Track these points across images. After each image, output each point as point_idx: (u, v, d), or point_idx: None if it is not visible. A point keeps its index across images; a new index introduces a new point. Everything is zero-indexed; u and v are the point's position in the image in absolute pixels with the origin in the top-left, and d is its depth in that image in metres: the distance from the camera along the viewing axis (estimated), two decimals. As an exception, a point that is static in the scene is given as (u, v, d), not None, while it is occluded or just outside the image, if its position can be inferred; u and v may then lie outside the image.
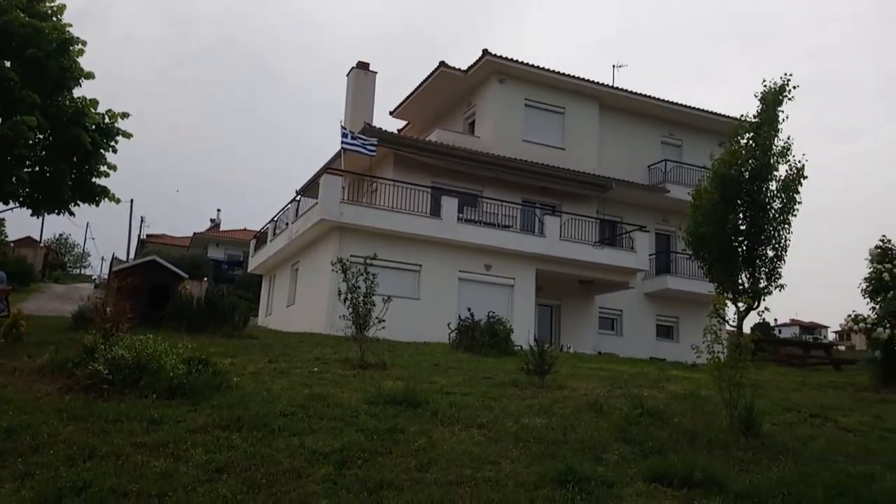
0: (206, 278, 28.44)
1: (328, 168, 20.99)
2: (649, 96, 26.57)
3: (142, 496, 4.48)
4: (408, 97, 27.25)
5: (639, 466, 5.60)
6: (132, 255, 46.25)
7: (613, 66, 36.42)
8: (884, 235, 12.28)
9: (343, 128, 20.63)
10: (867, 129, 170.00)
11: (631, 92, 26.42)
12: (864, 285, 11.55)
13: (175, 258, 28.15)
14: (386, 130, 21.88)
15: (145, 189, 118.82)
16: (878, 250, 11.57)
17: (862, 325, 11.22)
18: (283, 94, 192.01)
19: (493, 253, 20.94)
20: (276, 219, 24.75)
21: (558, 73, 25.05)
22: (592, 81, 25.61)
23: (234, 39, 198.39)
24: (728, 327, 13.44)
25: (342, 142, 20.06)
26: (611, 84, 26.41)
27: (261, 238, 27.14)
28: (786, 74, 14.57)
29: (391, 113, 28.97)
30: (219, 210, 59.41)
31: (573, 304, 24.36)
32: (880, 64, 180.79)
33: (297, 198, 23.47)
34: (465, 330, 13.17)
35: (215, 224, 54.40)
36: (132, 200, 32.30)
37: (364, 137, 20.29)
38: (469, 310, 13.66)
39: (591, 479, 5.12)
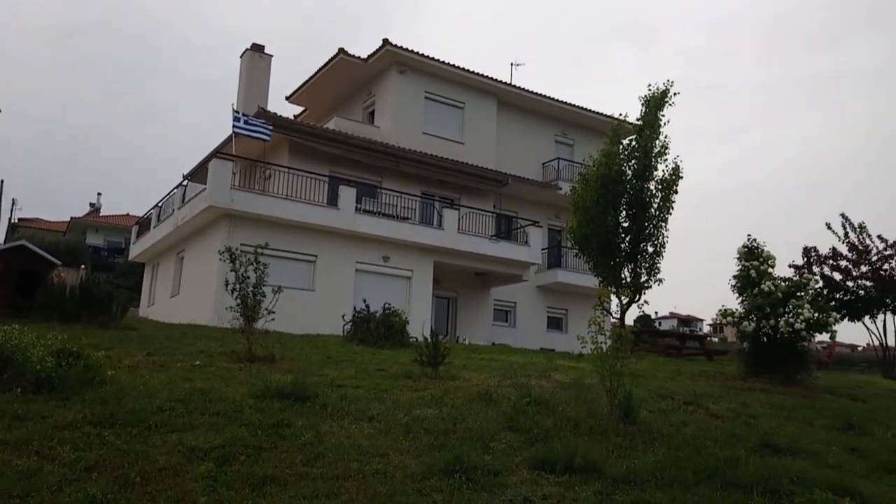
0: (83, 266, 26.57)
1: (218, 152, 20.14)
2: (544, 96, 27.34)
3: (2, 497, 4.12)
4: (305, 83, 26.67)
5: (524, 454, 5.74)
6: (1, 240, 42.62)
7: (511, 64, 37.04)
8: (749, 235, 13.22)
9: (235, 111, 19.87)
10: (742, 131, 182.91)
11: (527, 90, 27.08)
12: (733, 282, 12.37)
13: (49, 244, 26.17)
14: (281, 116, 21.28)
15: (17, 170, 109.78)
16: (746, 249, 12.42)
17: (730, 318, 12.02)
18: (172, 74, 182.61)
19: (392, 244, 20.88)
20: (160, 204, 23.49)
21: (459, 67, 25.28)
22: (491, 78, 26.02)
23: (120, 13, 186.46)
24: (612, 319, 14.08)
25: (234, 126, 19.33)
26: (509, 82, 26.93)
27: (144, 224, 25.67)
28: (668, 81, 15.37)
29: (287, 98, 28.24)
30: (99, 194, 56.01)
31: (469, 296, 24.74)
32: (756, 69, 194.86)
33: (185, 183, 22.36)
34: (359, 322, 13.03)
35: (95, 209, 51.00)
36: (1, 181, 29.68)
37: (258, 122, 19.62)
38: (364, 301, 13.53)
39: (478, 468, 5.19)
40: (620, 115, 15.67)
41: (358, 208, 20.48)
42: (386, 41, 23.55)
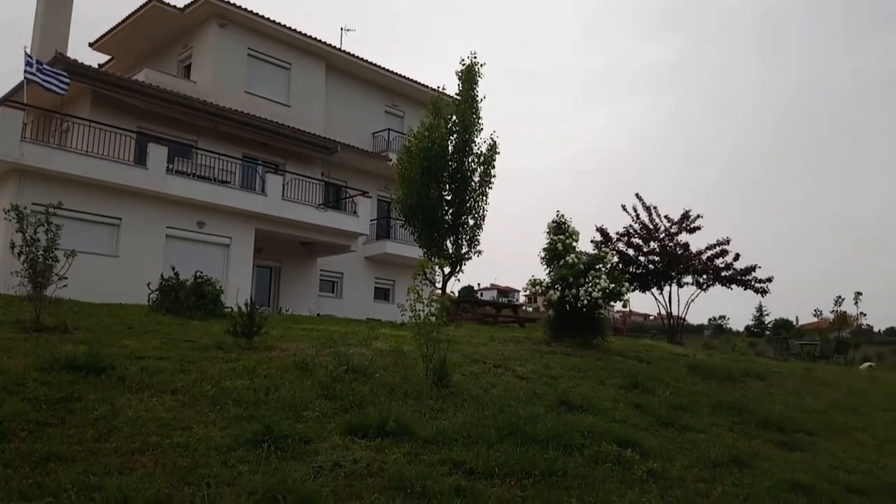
0: None
1: (7, 100, 17.77)
2: (375, 64, 27.16)
3: None
4: (113, 29, 24.25)
5: (338, 421, 5.72)
6: None
7: (342, 28, 36.24)
8: (558, 211, 14.19)
9: (28, 56, 17.58)
10: (563, 117, 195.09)
11: (358, 57, 26.74)
12: (542, 254, 13.20)
13: None
14: (82, 63, 19.17)
15: None
16: (554, 224, 13.28)
17: (539, 287, 12.84)
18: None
19: (208, 209, 19.78)
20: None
21: (285, 26, 24.32)
22: (320, 41, 25.35)
23: None
24: (435, 288, 14.48)
25: (26, 71, 17.12)
26: (339, 47, 26.39)
27: None
28: (472, 54, 15.99)
29: (92, 45, 25.52)
30: None
31: (294, 266, 24.19)
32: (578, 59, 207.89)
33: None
34: (167, 290, 12.20)
35: None
36: None
37: (53, 71, 17.49)
38: (173, 268, 12.70)
39: (289, 437, 5.10)
40: (438, 87, 16.04)
41: (170, 169, 19.11)
42: (206, -10, 22.06)
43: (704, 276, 21.34)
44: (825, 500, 5.36)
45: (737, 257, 21.12)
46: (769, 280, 21.26)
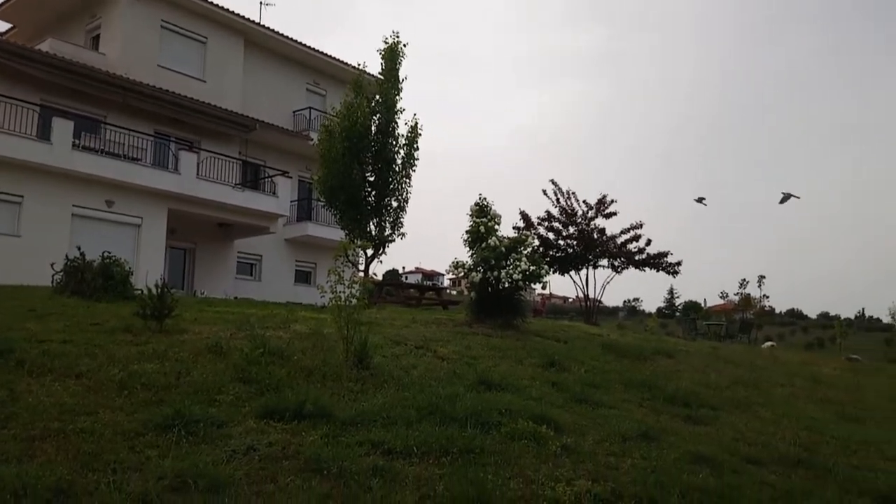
0: None
1: None
2: (296, 40, 26.50)
3: None
4: (12, -6, 22.60)
5: (253, 404, 5.61)
6: None
7: (260, 2, 35.05)
8: (480, 194, 14.34)
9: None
10: (487, 102, 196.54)
11: (278, 33, 26.01)
12: (465, 236, 13.32)
13: None
14: (-23, 29, 17.83)
15: None
16: (477, 207, 13.41)
17: (461, 269, 12.96)
18: None
19: (118, 188, 18.88)
20: None
21: (201, -2, 23.34)
22: (238, 15, 24.50)
23: None
24: (358, 271, 14.36)
25: None
26: (258, 21, 25.59)
27: None
28: (395, 33, 15.87)
29: (-11, 11, 23.75)
30: None
31: (210, 247, 23.45)
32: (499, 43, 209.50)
33: None
34: (73, 271, 11.58)
35: None
36: None
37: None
38: (79, 248, 12.06)
39: (201, 421, 4.95)
40: (359, 64, 15.86)
41: (76, 144, 18.11)
42: (115, -43, 20.88)
43: (619, 260, 22.10)
44: (726, 470, 5.66)
45: (648, 242, 21.98)
46: (679, 264, 22.25)
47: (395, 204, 15.83)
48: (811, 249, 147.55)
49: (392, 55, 15.35)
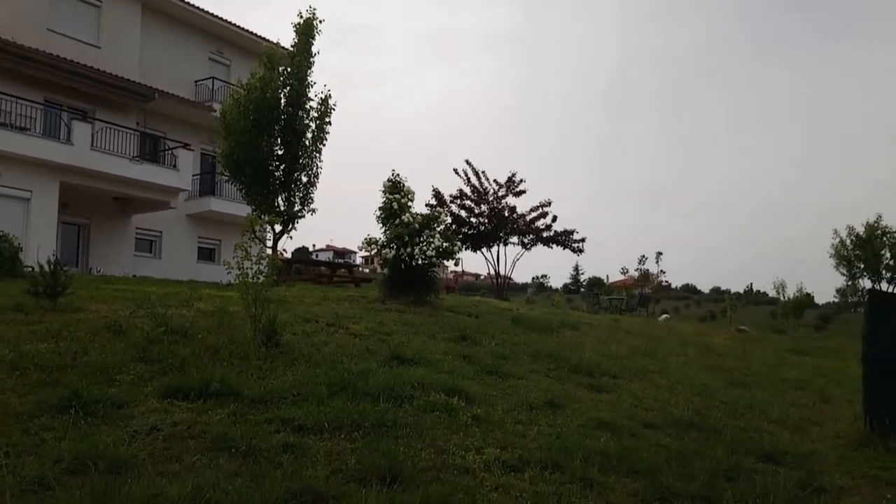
0: None
1: None
2: (198, 7, 25.29)
3: None
4: None
5: (155, 384, 5.41)
6: None
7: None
8: (393, 170, 14.25)
9: None
10: (400, 78, 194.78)
11: (179, -2, 24.72)
12: (378, 213, 13.24)
13: None
14: None
15: None
16: (390, 183, 13.35)
17: (374, 246, 12.90)
18: None
19: (4, 159, 17.60)
20: None
21: (94, -42, 21.85)
22: (136, -23, 23.09)
23: None
24: (265, 247, 14.01)
25: None
26: (157, -15, 24.23)
27: None
28: (311, 7, 15.46)
29: None
30: None
31: (106, 223, 22.24)
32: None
33: None
34: (-48, 248, 10.74)
35: None
36: None
37: None
38: (-40, 224, 11.19)
39: (100, 402, 4.74)
40: (276, 41, 15.40)
41: (-46, 112, 16.67)
42: None
43: (528, 237, 22.65)
44: (625, 434, 5.97)
45: (555, 219, 22.65)
46: (583, 240, 23.06)
47: (304, 179, 15.51)
48: (703, 227, 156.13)
49: (307, 29, 14.94)
